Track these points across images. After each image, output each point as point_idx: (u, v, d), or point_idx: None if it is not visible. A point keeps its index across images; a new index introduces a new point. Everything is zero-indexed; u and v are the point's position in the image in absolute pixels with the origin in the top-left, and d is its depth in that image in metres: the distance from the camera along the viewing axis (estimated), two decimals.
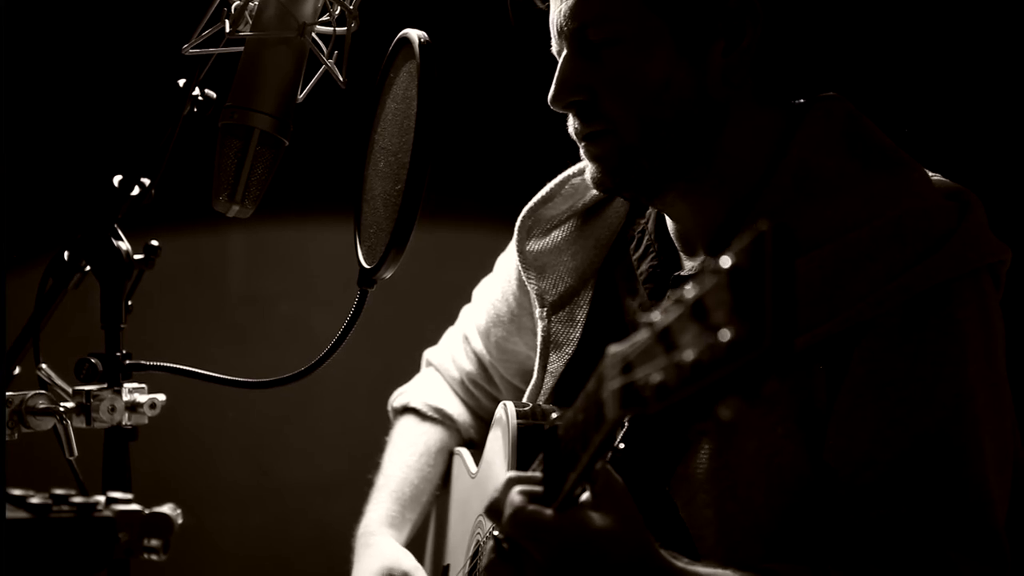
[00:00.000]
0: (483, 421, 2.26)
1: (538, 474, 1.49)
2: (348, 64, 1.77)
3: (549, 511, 1.44)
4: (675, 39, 1.73)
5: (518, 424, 1.83)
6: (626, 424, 1.68)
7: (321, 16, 1.77)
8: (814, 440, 1.67)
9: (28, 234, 2.43)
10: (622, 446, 1.65)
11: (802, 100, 1.84)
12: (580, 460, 1.38)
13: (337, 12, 1.76)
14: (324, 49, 1.78)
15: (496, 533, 1.54)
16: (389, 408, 2.34)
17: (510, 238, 2.11)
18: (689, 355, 1.14)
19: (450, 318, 2.39)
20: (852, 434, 1.66)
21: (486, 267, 2.30)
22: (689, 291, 1.15)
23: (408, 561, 2.10)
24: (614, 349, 1.28)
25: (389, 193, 1.72)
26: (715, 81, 1.75)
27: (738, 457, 1.69)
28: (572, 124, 1.82)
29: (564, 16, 1.76)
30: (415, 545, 2.21)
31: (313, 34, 1.77)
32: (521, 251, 2.03)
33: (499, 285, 2.20)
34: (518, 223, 2.05)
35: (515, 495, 1.47)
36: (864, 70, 2.71)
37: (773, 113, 1.81)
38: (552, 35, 1.82)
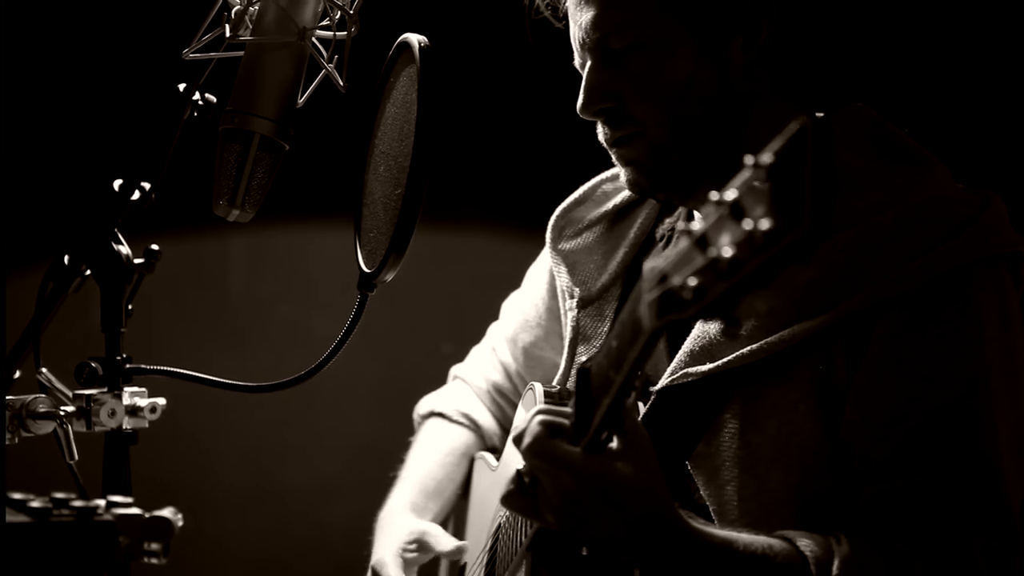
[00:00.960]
0: (506, 431, 2.29)
1: (568, 408, 1.52)
2: (348, 68, 1.78)
3: (574, 447, 1.49)
4: (695, 39, 1.78)
5: (546, 401, 1.85)
6: (653, 394, 1.70)
7: (321, 20, 1.78)
8: (833, 418, 1.72)
9: (28, 238, 2.43)
10: (654, 393, 1.70)
11: (824, 112, 1.85)
12: (614, 383, 1.41)
13: (337, 17, 1.76)
14: (324, 53, 1.78)
15: (519, 467, 1.55)
16: (415, 415, 2.35)
17: (510, 242, 2.12)
18: (727, 251, 1.18)
19: (450, 322, 2.40)
20: (869, 409, 1.70)
21: (486, 271, 2.31)
22: (728, 193, 1.19)
23: (427, 525, 2.13)
24: (650, 264, 1.32)
25: (389, 197, 1.72)
26: (737, 76, 1.80)
27: (760, 435, 1.73)
28: (602, 131, 1.86)
29: (586, 29, 1.81)
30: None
31: (313, 38, 1.77)
32: (554, 248, 2.08)
33: (528, 293, 2.25)
34: (551, 223, 2.10)
35: (536, 424, 1.52)
36: (878, 62, 2.72)
37: (795, 108, 1.85)
38: (575, 49, 1.86)
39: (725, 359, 1.75)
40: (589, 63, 1.83)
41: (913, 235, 1.72)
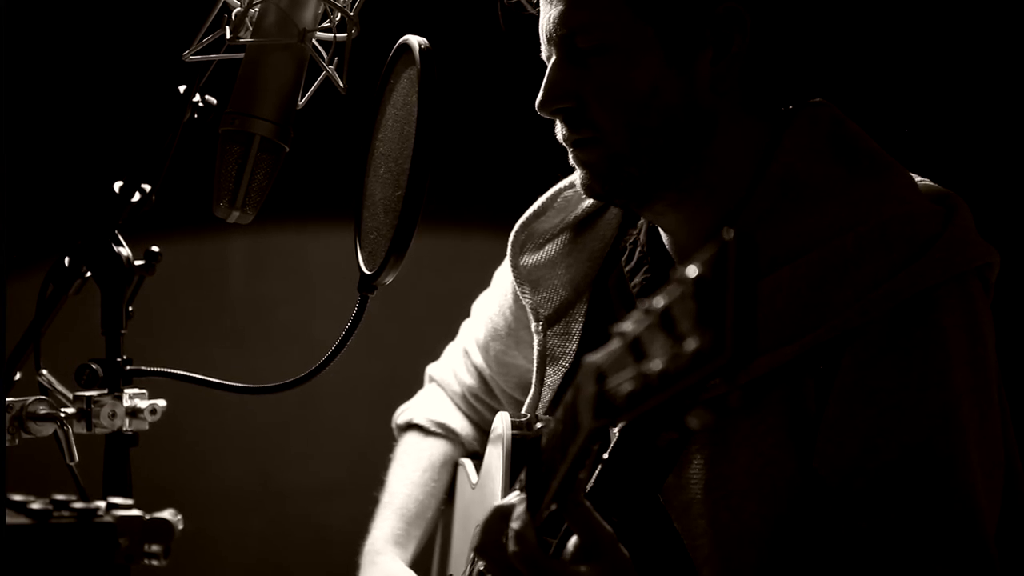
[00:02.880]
0: (486, 434, 2.26)
1: (522, 504, 1.50)
2: (348, 70, 1.78)
3: (540, 558, 1.46)
4: (663, 47, 1.73)
5: (512, 435, 1.84)
6: (616, 435, 1.69)
7: (322, 22, 1.78)
8: (805, 449, 1.68)
9: (29, 240, 2.43)
10: (606, 456, 1.67)
11: (789, 107, 1.84)
12: (559, 471, 1.39)
13: (338, 19, 1.77)
14: (325, 55, 1.78)
15: (480, 567, 1.54)
16: (393, 425, 2.34)
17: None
18: (657, 364, 1.15)
19: (450, 324, 2.39)
20: (841, 442, 1.66)
21: (486, 273, 2.30)
22: (658, 301, 1.17)
23: None
24: (589, 359, 1.29)
25: (389, 199, 1.72)
26: (703, 89, 1.75)
27: (731, 467, 1.70)
28: (560, 130, 1.81)
29: (553, 22, 1.76)
30: (422, 558, 2.21)
31: (314, 40, 1.77)
32: (515, 266, 2.03)
33: (496, 299, 2.20)
34: (511, 238, 2.05)
35: (490, 536, 1.51)
36: (852, 79, 2.71)
37: (760, 121, 1.81)
38: (542, 40, 1.81)
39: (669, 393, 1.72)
40: (553, 59, 1.78)
41: (875, 259, 1.67)
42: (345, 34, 1.76)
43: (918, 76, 2.73)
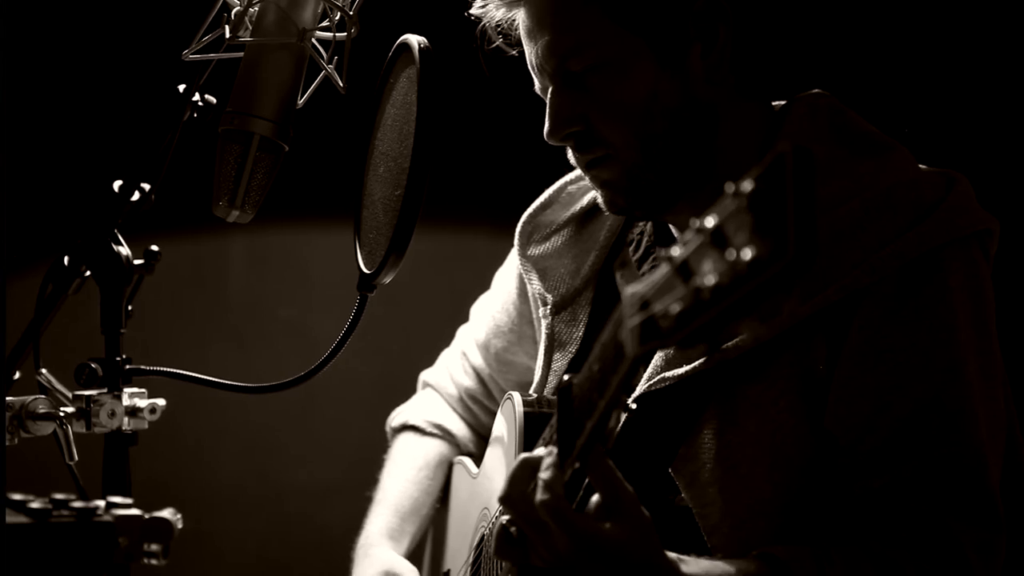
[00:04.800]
0: (482, 437, 2.28)
1: (550, 456, 1.51)
2: (348, 69, 1.78)
3: (567, 510, 1.48)
4: (654, 52, 1.77)
5: (524, 412, 1.85)
6: (633, 406, 1.72)
7: (321, 22, 1.78)
8: (816, 411, 1.71)
9: (28, 239, 2.43)
10: (634, 406, 1.71)
11: (785, 101, 1.87)
12: (597, 407, 1.41)
13: (337, 18, 1.77)
14: (324, 54, 1.78)
15: (504, 519, 1.56)
16: (387, 428, 2.34)
17: (510, 243, 2.12)
18: (710, 280, 1.17)
19: (449, 324, 2.39)
20: (852, 401, 1.70)
21: (486, 273, 2.30)
22: (709, 220, 1.18)
23: (405, 567, 2.11)
24: (631, 290, 1.31)
25: (389, 198, 1.72)
26: (699, 84, 1.79)
27: (741, 435, 1.73)
28: (572, 155, 1.85)
29: (542, 55, 1.80)
30: (413, 559, 2.21)
31: (313, 40, 1.77)
32: (523, 255, 2.06)
33: (498, 297, 2.22)
34: (518, 229, 2.08)
35: (518, 482, 1.52)
36: (840, 55, 2.72)
37: (759, 107, 1.85)
38: (533, 75, 1.85)
39: (701, 360, 1.74)
40: (551, 88, 1.81)
41: (882, 221, 1.71)
42: (345, 33, 1.76)
43: (903, 56, 2.74)
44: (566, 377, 1.51)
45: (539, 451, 1.55)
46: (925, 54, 2.77)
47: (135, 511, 1.36)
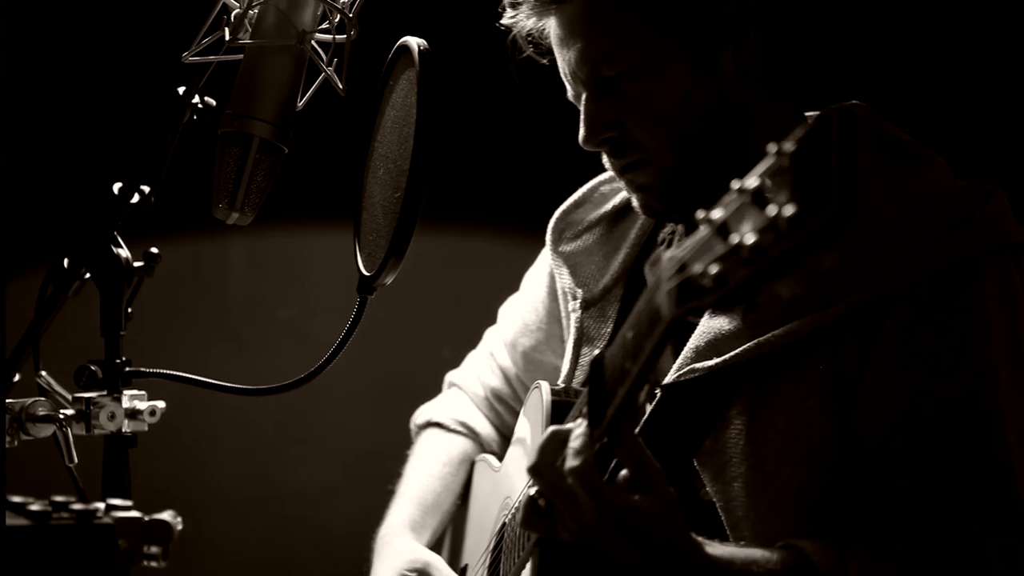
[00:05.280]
0: (505, 438, 2.30)
1: (580, 427, 1.52)
2: (348, 72, 1.78)
3: (597, 478, 1.50)
4: (686, 55, 1.79)
5: (552, 400, 1.86)
6: (658, 393, 1.74)
7: (321, 24, 1.78)
8: (843, 411, 1.72)
9: (28, 241, 2.43)
10: (658, 391, 1.73)
11: (818, 111, 1.87)
12: (630, 373, 1.42)
13: (337, 20, 1.77)
14: (324, 57, 1.78)
15: (532, 491, 1.57)
16: (412, 425, 2.35)
17: (510, 244, 2.13)
18: (750, 238, 1.19)
19: (449, 325, 2.39)
20: (882, 402, 1.71)
21: (486, 273, 2.31)
22: (750, 180, 1.20)
23: (429, 555, 2.12)
24: (668, 254, 1.33)
25: (388, 200, 1.72)
26: (731, 85, 1.81)
27: (768, 431, 1.74)
28: (607, 160, 1.87)
29: (575, 62, 1.82)
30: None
31: (313, 42, 1.77)
32: (555, 251, 2.09)
33: (527, 296, 2.25)
34: (551, 225, 2.11)
35: (546, 453, 1.53)
36: (867, 56, 2.72)
37: (791, 110, 1.87)
38: (566, 82, 1.87)
39: (732, 353, 1.76)
40: (584, 95, 1.83)
41: (919, 227, 1.73)
42: (344, 35, 1.77)
43: (927, 56, 2.74)
44: (598, 351, 1.52)
45: (569, 424, 1.56)
46: (955, 65, 2.77)
47: (135, 513, 1.36)
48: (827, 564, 1.64)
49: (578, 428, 1.53)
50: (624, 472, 1.52)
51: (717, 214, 1.24)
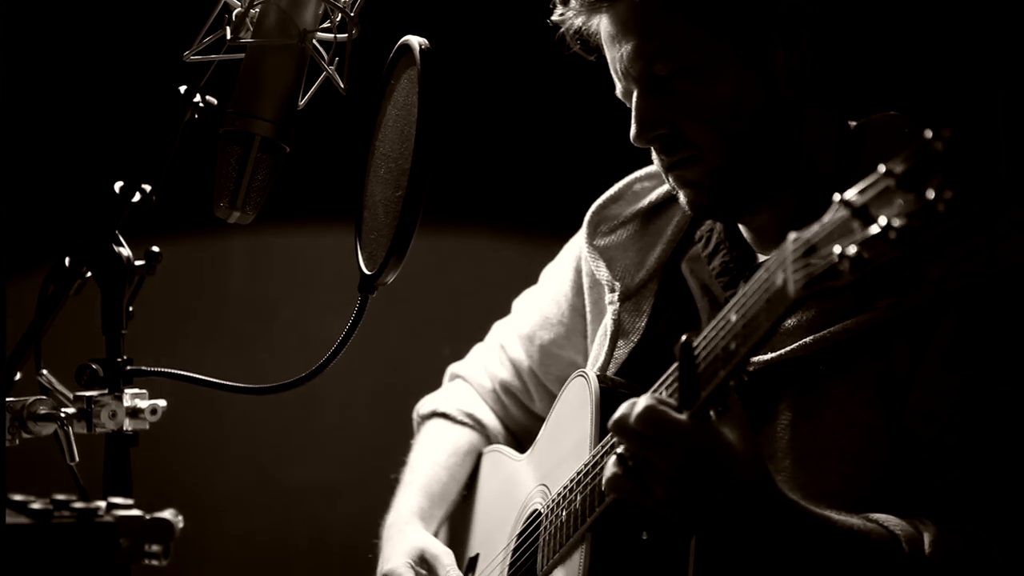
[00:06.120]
0: (510, 432, 2.29)
1: (669, 399, 1.55)
2: (349, 71, 1.78)
3: (684, 416, 1.52)
4: (739, 56, 1.81)
5: (600, 387, 1.87)
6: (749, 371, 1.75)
7: (322, 23, 1.78)
8: (893, 407, 1.74)
9: (29, 240, 2.43)
10: (751, 368, 1.71)
11: (860, 120, 1.92)
12: (737, 355, 1.45)
13: (338, 19, 1.77)
14: (325, 56, 1.78)
15: (620, 450, 1.58)
16: (415, 415, 2.34)
17: (510, 244, 2.13)
18: (896, 222, 1.20)
19: (450, 324, 2.39)
20: (935, 398, 1.73)
21: (487, 273, 2.31)
22: (896, 165, 1.21)
23: (439, 546, 2.13)
24: (794, 235, 1.35)
25: (390, 199, 1.72)
26: (783, 87, 1.83)
27: (814, 427, 1.77)
28: (657, 157, 1.89)
29: (628, 59, 1.83)
30: None
31: (314, 41, 1.77)
32: (590, 243, 2.10)
33: (548, 290, 2.25)
34: (587, 219, 2.12)
35: (644, 399, 1.55)
36: (914, 65, 2.71)
37: (838, 117, 1.90)
38: (616, 80, 1.88)
39: (786, 348, 1.78)
40: (636, 92, 1.85)
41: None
42: (345, 34, 1.77)
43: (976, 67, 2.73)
44: (684, 337, 1.53)
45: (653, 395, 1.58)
46: (990, 80, 2.77)
47: (136, 512, 1.36)
48: (904, 530, 1.67)
49: (667, 400, 1.55)
50: (712, 414, 1.54)
51: (854, 196, 1.26)
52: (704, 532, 1.68)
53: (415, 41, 1.72)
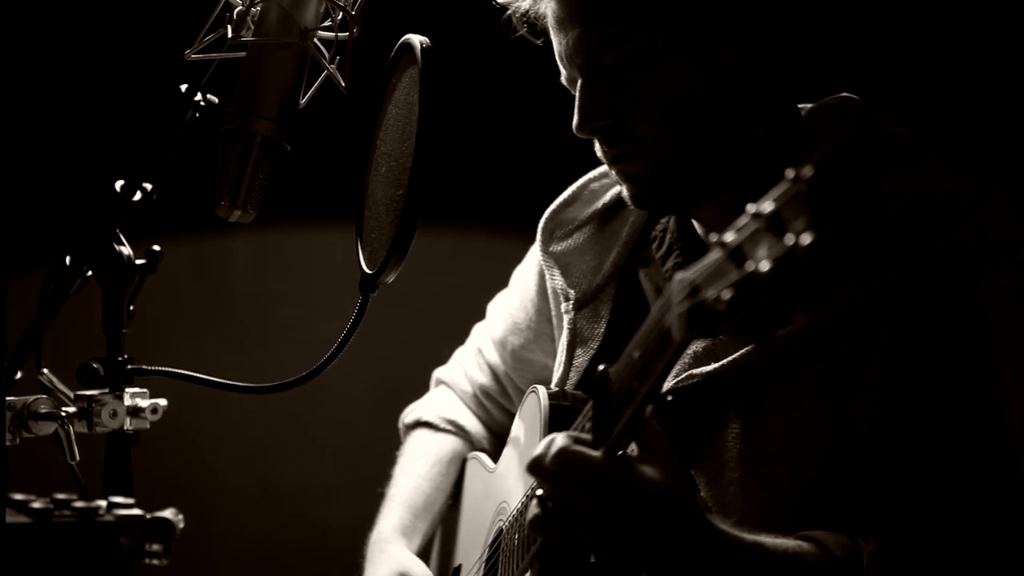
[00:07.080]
0: (495, 435, 2.28)
1: (585, 435, 1.51)
2: (350, 69, 1.78)
3: (597, 452, 1.47)
4: (686, 48, 1.76)
5: (550, 404, 1.85)
6: (669, 398, 1.74)
7: (323, 21, 1.78)
8: (839, 411, 1.72)
9: (30, 239, 2.43)
10: (669, 398, 1.73)
11: (810, 104, 1.88)
12: (638, 394, 1.41)
13: (339, 17, 1.76)
14: (326, 54, 1.78)
15: (539, 492, 1.54)
16: (400, 424, 2.34)
17: (509, 243, 2.12)
18: (764, 265, 1.17)
19: (450, 323, 2.39)
20: (882, 402, 1.70)
21: (487, 272, 2.30)
22: (765, 205, 1.18)
23: (420, 568, 2.11)
24: (680, 276, 1.31)
25: (391, 198, 1.72)
26: (731, 80, 1.79)
27: (764, 434, 1.74)
28: (599, 149, 1.84)
29: (572, 47, 1.78)
30: (423, 555, 2.20)
31: (315, 39, 1.77)
32: (545, 251, 2.06)
33: (516, 294, 2.22)
34: (540, 225, 2.08)
35: (560, 439, 1.51)
36: (867, 57, 2.71)
37: (787, 106, 1.86)
38: (561, 66, 1.84)
39: (730, 358, 1.75)
40: (580, 81, 1.80)
41: (915, 226, 1.72)
42: (347, 33, 1.76)
43: (930, 56, 2.74)
44: (601, 367, 1.49)
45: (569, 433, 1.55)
46: (950, 59, 2.77)
47: (137, 511, 1.36)
48: (842, 547, 1.64)
49: (580, 435, 1.52)
50: (632, 447, 1.50)
51: (730, 237, 1.22)
52: (632, 568, 1.62)
53: (416, 40, 1.72)
